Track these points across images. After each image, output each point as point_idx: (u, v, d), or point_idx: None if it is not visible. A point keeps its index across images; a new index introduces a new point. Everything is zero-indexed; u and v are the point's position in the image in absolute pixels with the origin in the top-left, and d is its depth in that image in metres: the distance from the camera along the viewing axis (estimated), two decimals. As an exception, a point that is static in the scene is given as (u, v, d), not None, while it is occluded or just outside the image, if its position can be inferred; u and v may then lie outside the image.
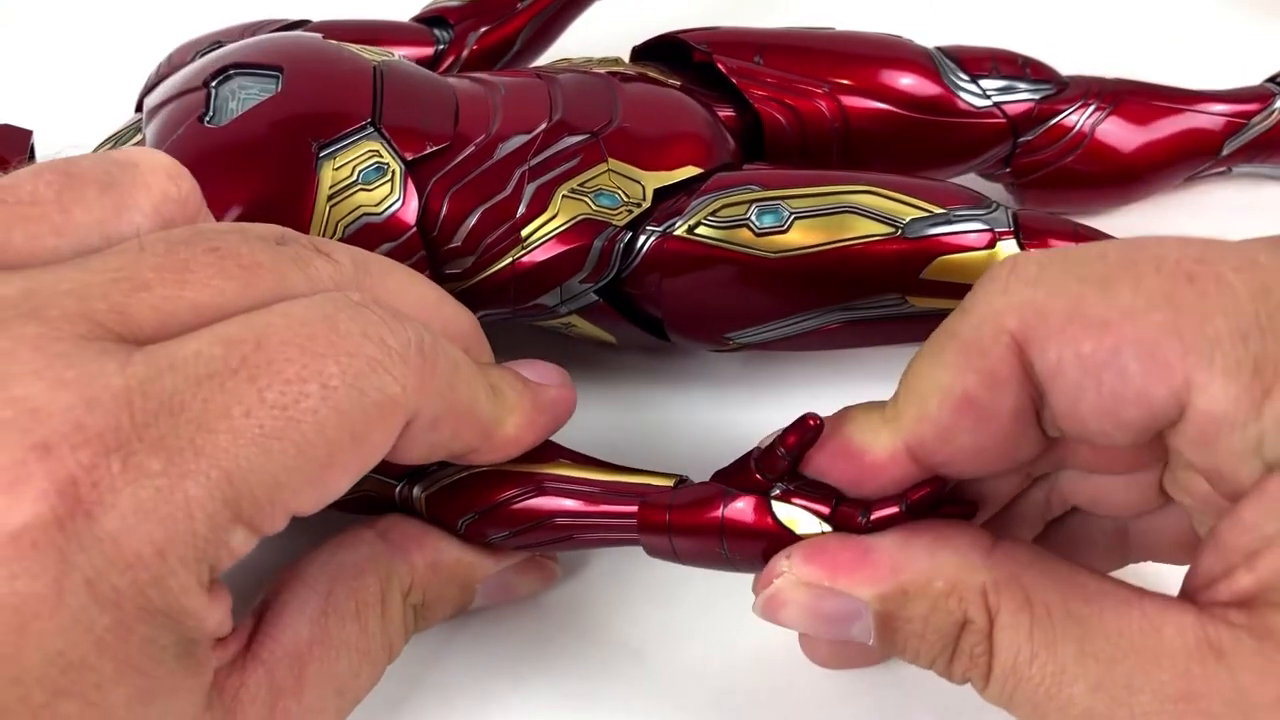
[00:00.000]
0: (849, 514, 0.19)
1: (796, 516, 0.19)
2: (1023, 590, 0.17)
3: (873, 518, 0.19)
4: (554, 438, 0.23)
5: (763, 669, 0.24)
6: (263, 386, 0.17)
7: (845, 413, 0.20)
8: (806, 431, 0.19)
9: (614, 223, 0.25)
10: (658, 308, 0.26)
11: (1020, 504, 0.21)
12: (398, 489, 0.23)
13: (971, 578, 0.18)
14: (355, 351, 0.17)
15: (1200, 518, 0.19)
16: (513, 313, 0.26)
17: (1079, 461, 0.20)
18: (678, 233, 0.25)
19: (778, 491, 0.19)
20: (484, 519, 0.22)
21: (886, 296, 0.25)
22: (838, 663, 0.23)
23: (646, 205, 0.25)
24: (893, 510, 0.18)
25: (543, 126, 0.26)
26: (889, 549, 0.18)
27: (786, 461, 0.19)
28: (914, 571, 0.18)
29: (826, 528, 0.19)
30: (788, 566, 0.19)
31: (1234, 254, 0.16)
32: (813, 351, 0.29)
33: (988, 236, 0.25)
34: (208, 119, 0.24)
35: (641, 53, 0.31)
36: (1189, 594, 0.17)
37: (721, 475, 0.20)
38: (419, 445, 0.19)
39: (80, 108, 0.29)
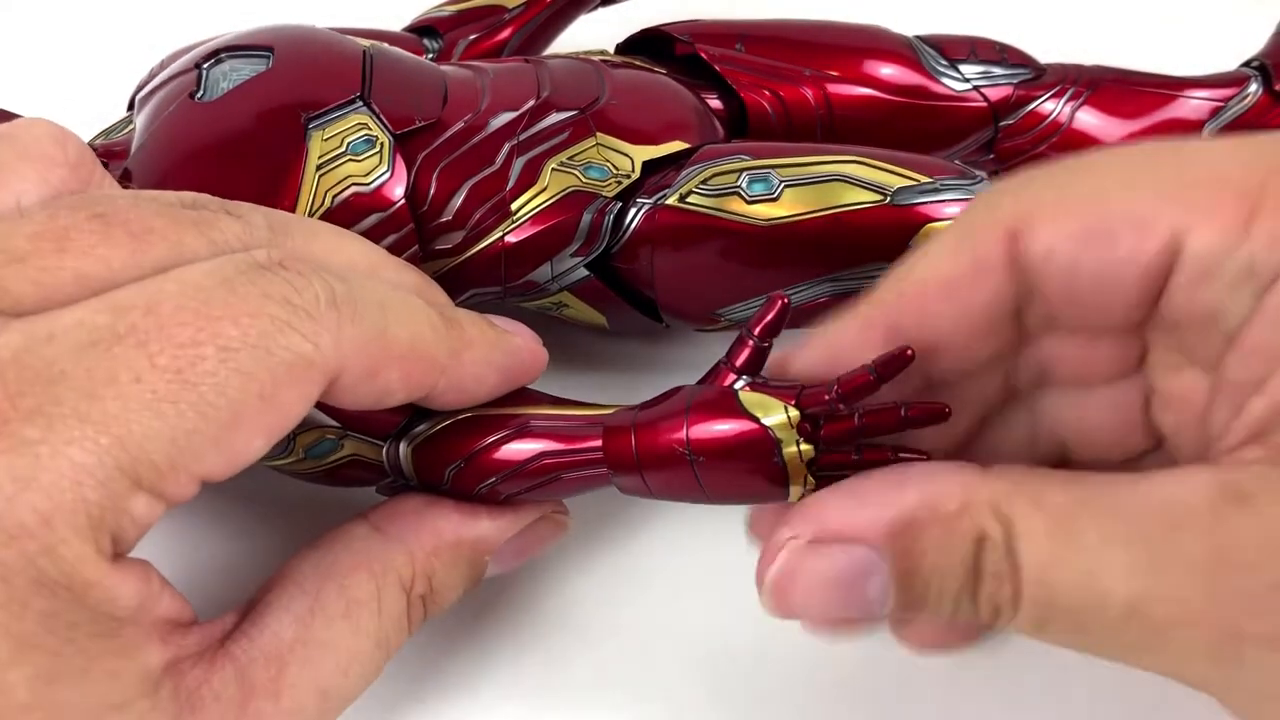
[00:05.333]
0: (816, 393, 0.18)
1: (762, 402, 0.19)
2: (1029, 495, 0.17)
3: (841, 389, 0.18)
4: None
5: (764, 667, 0.24)
6: (154, 352, 0.16)
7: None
8: (776, 310, 0.19)
9: (603, 194, 0.25)
10: (649, 283, 0.26)
11: (1003, 439, 0.21)
12: (385, 448, 0.22)
13: (977, 493, 0.17)
14: (257, 312, 0.17)
15: (1181, 445, 0.19)
16: (504, 291, 0.26)
17: (1060, 369, 0.20)
18: (669, 202, 0.25)
19: (743, 383, 0.19)
20: (470, 466, 0.21)
21: (876, 266, 0.25)
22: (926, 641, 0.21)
23: (635, 176, 0.25)
24: (864, 378, 0.18)
25: (530, 104, 0.26)
26: (881, 488, 0.18)
27: (756, 346, 0.19)
28: (917, 498, 0.17)
29: (794, 413, 0.18)
30: (790, 532, 0.18)
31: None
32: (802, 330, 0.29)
33: (975, 206, 0.25)
34: (199, 96, 0.24)
35: (625, 49, 0.31)
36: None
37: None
38: (363, 395, 0.19)
39: (74, 103, 0.30)
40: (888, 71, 0.30)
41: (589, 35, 0.33)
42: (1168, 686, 0.16)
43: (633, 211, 0.25)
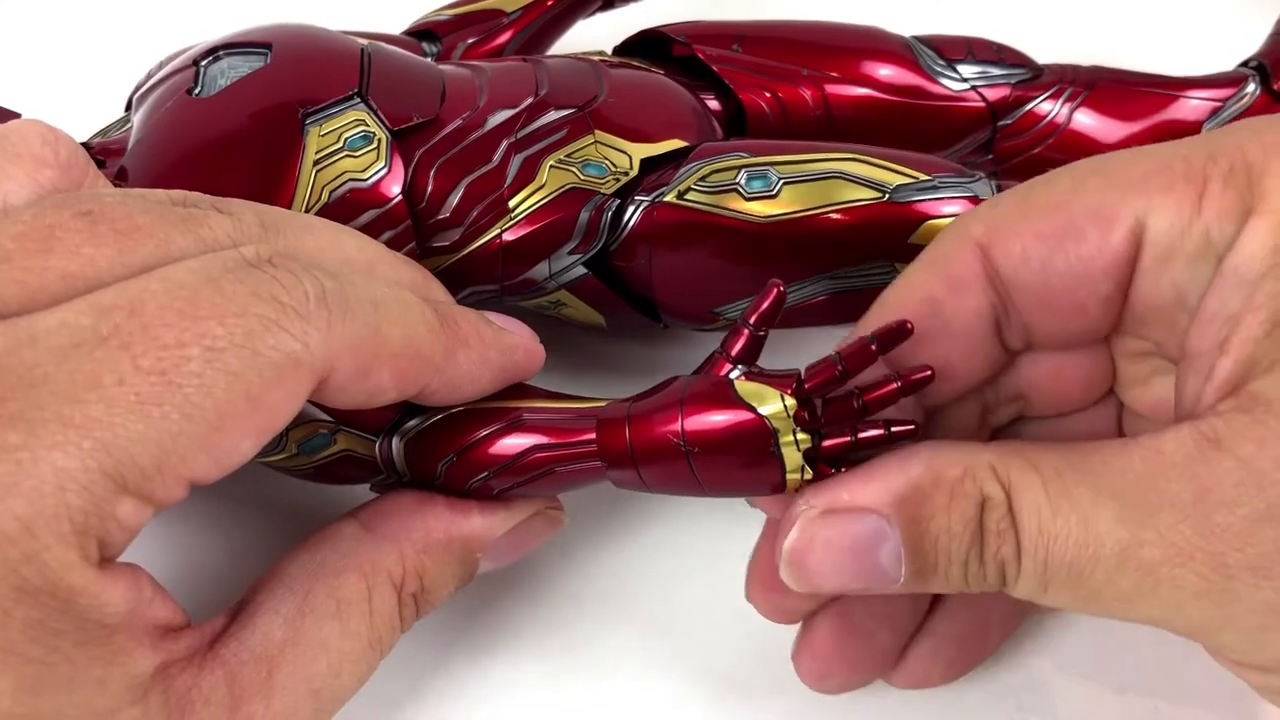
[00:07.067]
0: (821, 366, 0.19)
1: (758, 391, 0.18)
2: (1026, 458, 0.18)
3: (845, 360, 0.19)
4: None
5: (765, 666, 0.24)
6: (137, 354, 0.16)
7: None
8: (771, 299, 0.19)
9: (601, 191, 0.25)
10: (648, 282, 0.26)
11: None
12: (377, 443, 0.22)
13: (978, 458, 0.18)
14: (244, 311, 0.17)
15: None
16: (501, 289, 0.26)
17: (1037, 396, 0.21)
18: (668, 199, 0.25)
19: (738, 373, 0.19)
20: (462, 460, 0.21)
21: (875, 264, 0.25)
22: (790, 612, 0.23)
23: (633, 174, 0.25)
24: (864, 346, 0.19)
25: (528, 101, 0.26)
26: (889, 463, 0.19)
27: (751, 335, 0.19)
28: (922, 468, 0.18)
29: (790, 402, 0.18)
30: (805, 505, 0.19)
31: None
32: (803, 330, 0.28)
33: (973, 203, 0.25)
34: (196, 92, 0.24)
35: (623, 50, 0.31)
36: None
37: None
38: (354, 393, 0.19)
39: (74, 103, 0.30)
40: (885, 72, 0.30)
41: (587, 37, 0.33)
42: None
43: (631, 209, 0.25)
